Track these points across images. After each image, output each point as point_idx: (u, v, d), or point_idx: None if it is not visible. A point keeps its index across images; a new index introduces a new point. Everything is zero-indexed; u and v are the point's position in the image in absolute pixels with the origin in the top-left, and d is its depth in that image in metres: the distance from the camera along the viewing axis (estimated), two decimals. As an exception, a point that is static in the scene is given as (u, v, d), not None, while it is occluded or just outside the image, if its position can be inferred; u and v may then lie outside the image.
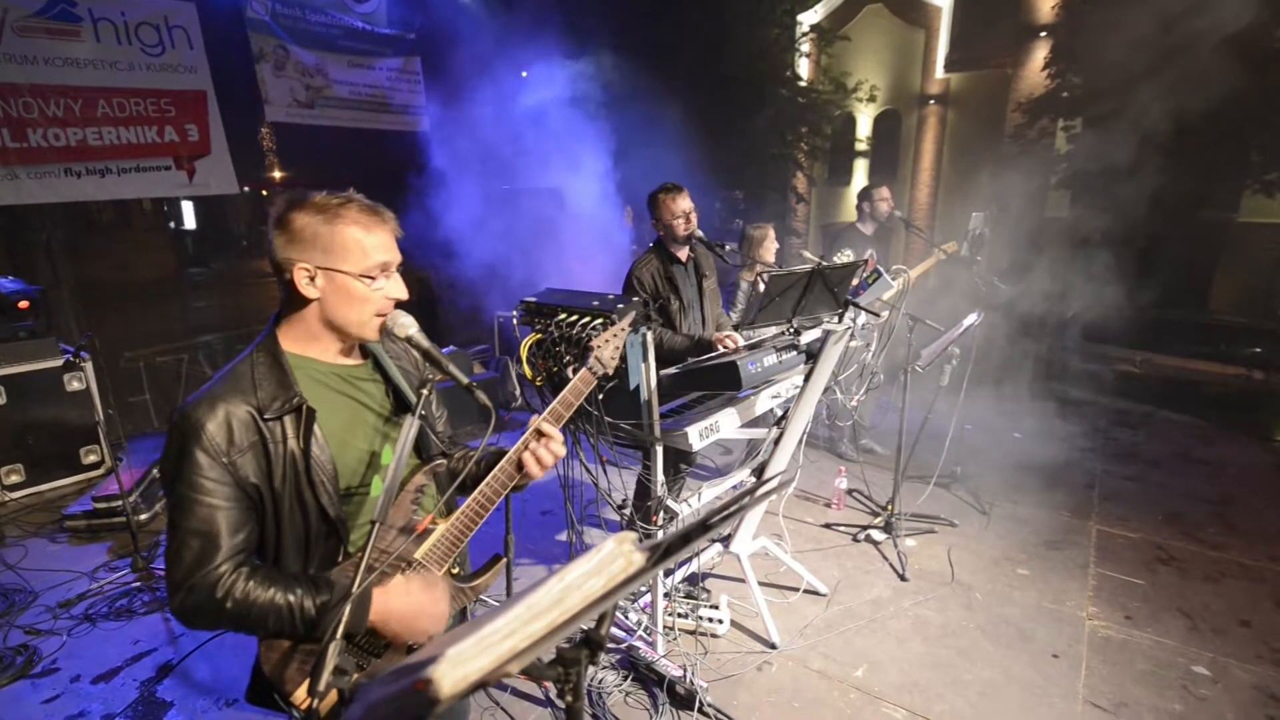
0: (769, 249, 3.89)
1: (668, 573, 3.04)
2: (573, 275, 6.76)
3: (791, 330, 2.51)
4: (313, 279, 1.25)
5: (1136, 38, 7.25)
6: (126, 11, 6.01)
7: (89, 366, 4.24)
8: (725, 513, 0.80)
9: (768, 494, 0.94)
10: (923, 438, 3.88)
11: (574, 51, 7.58)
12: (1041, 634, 2.99)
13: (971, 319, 3.49)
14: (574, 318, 2.31)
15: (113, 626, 2.98)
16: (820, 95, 12.16)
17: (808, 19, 13.52)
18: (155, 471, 3.97)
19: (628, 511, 2.52)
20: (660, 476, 2.54)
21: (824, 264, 2.37)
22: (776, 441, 2.85)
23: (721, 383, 2.36)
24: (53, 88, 5.66)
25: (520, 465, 1.42)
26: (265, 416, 1.21)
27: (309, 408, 1.24)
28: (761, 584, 3.16)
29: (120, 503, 3.58)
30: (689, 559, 3.21)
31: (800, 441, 3.00)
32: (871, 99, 13.32)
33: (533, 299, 2.45)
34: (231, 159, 6.72)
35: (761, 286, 3.18)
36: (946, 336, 3.50)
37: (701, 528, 0.76)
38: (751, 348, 2.72)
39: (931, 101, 13.14)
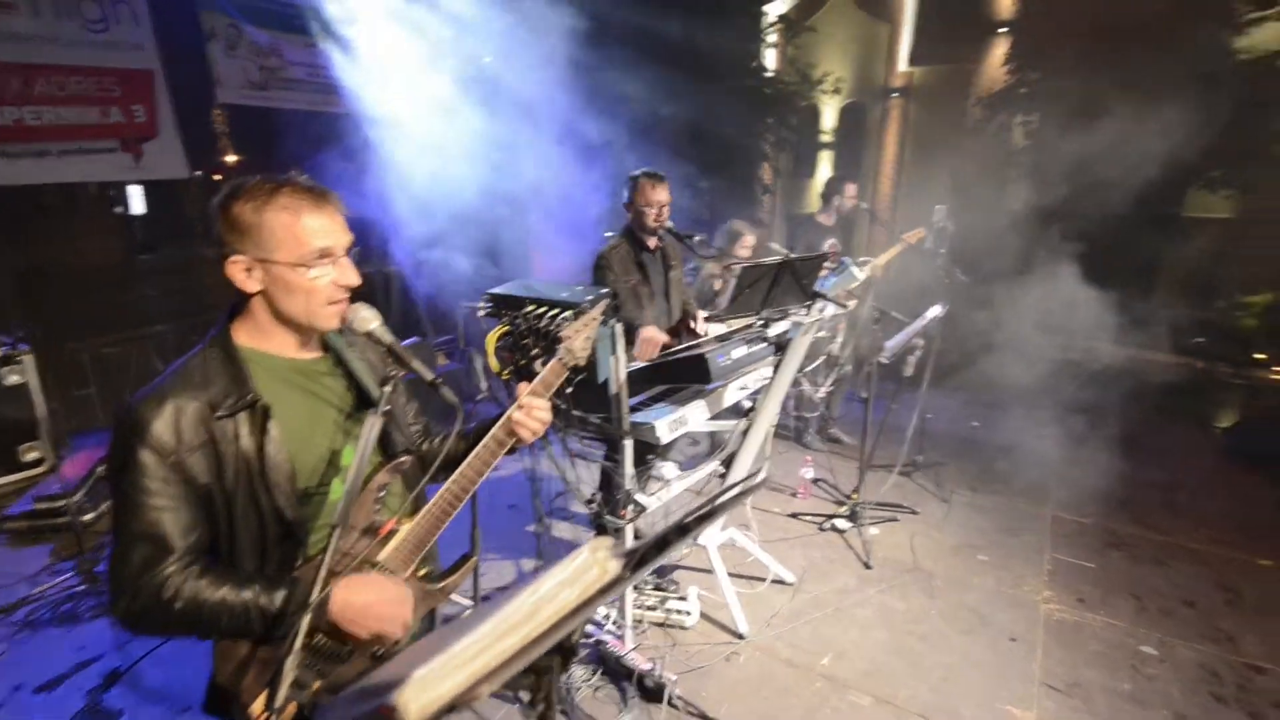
0: (744, 250, 3.86)
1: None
2: (541, 265, 6.68)
3: (760, 322, 2.52)
4: (249, 271, 1.19)
5: (1091, 35, 7.43)
6: (66, -16, 5.71)
7: (29, 359, 4.05)
8: (703, 514, 0.78)
9: (748, 492, 0.93)
10: (887, 427, 3.94)
11: (538, 37, 7.44)
12: (999, 618, 3.07)
13: (935, 311, 3.54)
14: (542, 309, 2.27)
15: (57, 633, 2.86)
16: (787, 86, 12.21)
17: (775, 9, 13.52)
18: (101, 470, 3.82)
19: (595, 506, 2.50)
20: (630, 469, 2.52)
21: (793, 256, 2.37)
22: (745, 433, 2.86)
23: (691, 376, 2.36)
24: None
25: (511, 434, 1.41)
26: (217, 414, 1.16)
27: (264, 405, 1.19)
28: (730, 574, 3.17)
29: (63, 502, 3.44)
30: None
31: (769, 432, 3.02)
32: (836, 91, 13.40)
33: (499, 290, 2.40)
34: (182, 142, 6.46)
35: (718, 285, 3.17)
36: (911, 328, 3.55)
37: (679, 531, 0.74)
38: (720, 339, 2.72)
39: (895, 94, 13.27)
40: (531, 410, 1.43)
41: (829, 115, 13.72)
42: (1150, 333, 7.28)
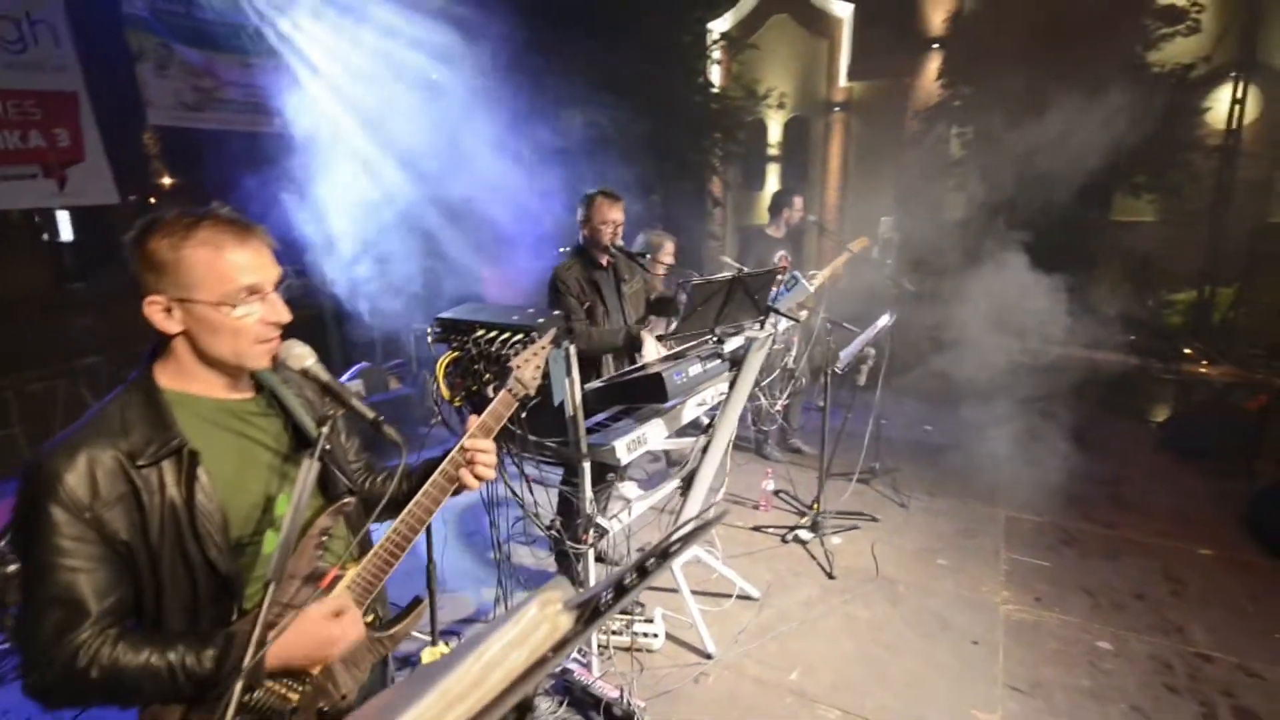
0: (667, 258, 3.86)
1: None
2: (492, 281, 6.59)
3: (714, 339, 2.51)
4: (169, 311, 1.11)
5: (1014, 51, 7.74)
6: (-21, 4, 5.43)
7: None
8: (663, 553, 0.75)
9: (709, 525, 0.90)
10: (845, 436, 3.97)
11: (478, 50, 7.37)
12: (961, 621, 3.10)
13: (884, 320, 3.60)
14: (492, 334, 2.22)
15: (-23, 694, 2.65)
16: (732, 101, 12.41)
17: (718, 26, 13.76)
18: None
19: (555, 532, 2.44)
20: (589, 493, 2.47)
21: (744, 271, 2.37)
22: (705, 449, 2.84)
23: (647, 394, 2.33)
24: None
25: (453, 480, 1.35)
26: (138, 463, 1.07)
27: (190, 450, 1.11)
28: (695, 593, 3.13)
29: (-15, 552, 3.19)
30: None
31: (728, 447, 3.01)
32: (781, 105, 13.70)
33: (448, 315, 2.33)
34: (111, 166, 6.19)
35: (650, 295, 3.17)
36: (862, 338, 3.60)
37: (639, 573, 0.71)
38: (674, 356, 2.70)
39: (837, 109, 13.61)
40: (475, 457, 1.36)
41: (775, 129, 14.01)
42: (1088, 331, 7.56)
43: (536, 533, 3.49)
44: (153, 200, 7.46)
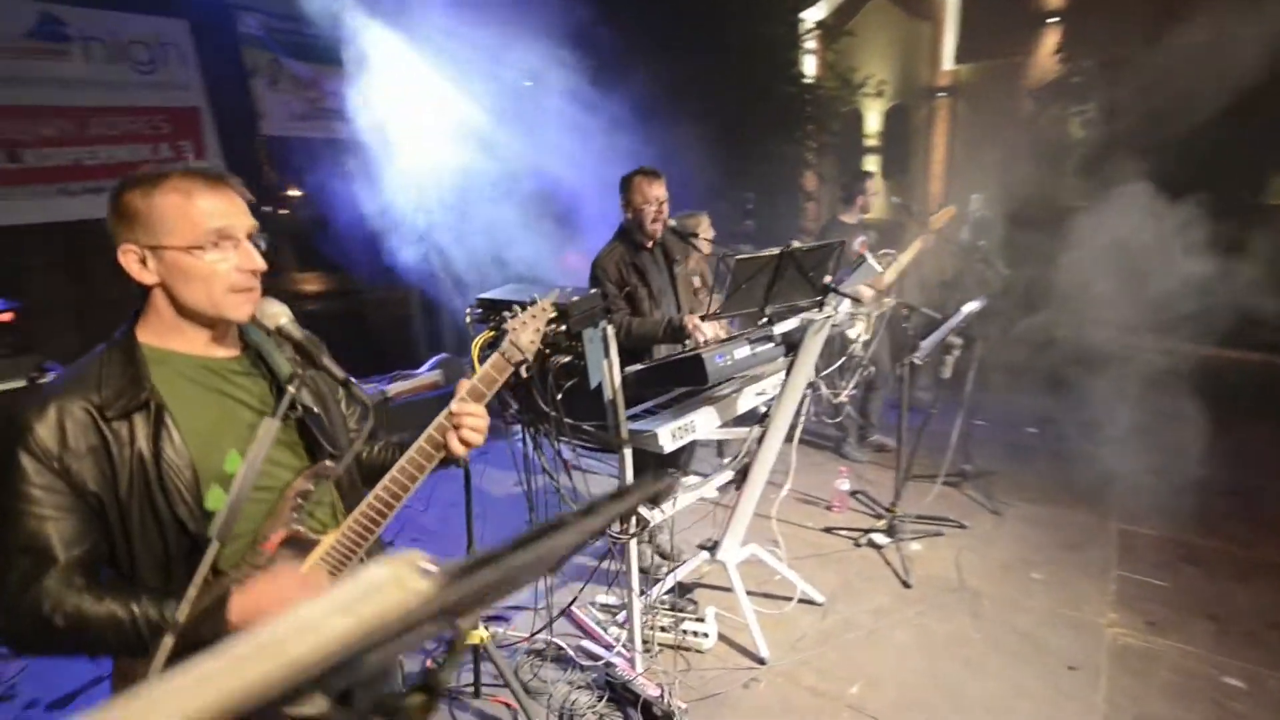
0: (707, 234, 3.66)
1: (651, 583, 2.86)
2: (571, 273, 6.62)
3: (764, 319, 2.34)
4: (143, 261, 1.12)
5: (1146, 19, 6.97)
6: (116, 29, 6.00)
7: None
8: (555, 526, 0.63)
9: (654, 499, 0.77)
10: (932, 435, 3.66)
11: (568, 55, 7.46)
12: (1056, 643, 2.76)
13: (972, 306, 3.28)
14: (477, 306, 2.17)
15: None
16: (827, 91, 11.98)
17: (812, 15, 13.34)
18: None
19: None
20: (629, 480, 2.37)
21: (794, 246, 2.19)
22: (760, 440, 2.67)
23: (686, 377, 2.19)
24: (44, 108, 5.65)
25: (439, 446, 1.29)
26: (108, 415, 1.07)
27: (158, 404, 1.10)
28: (752, 594, 2.97)
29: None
30: (672, 568, 3.04)
31: (794, 440, 2.82)
32: (879, 94, 13.08)
33: (488, 295, 2.30)
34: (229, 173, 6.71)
35: (697, 281, 3.02)
36: (946, 325, 3.30)
37: (517, 545, 0.59)
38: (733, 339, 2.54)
39: (941, 94, 12.85)
40: (462, 421, 1.29)
41: (873, 119, 13.40)
42: (1227, 327, 6.69)
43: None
44: (266, 208, 8.05)
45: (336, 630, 0.51)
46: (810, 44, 12.92)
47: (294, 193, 7.34)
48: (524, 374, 2.15)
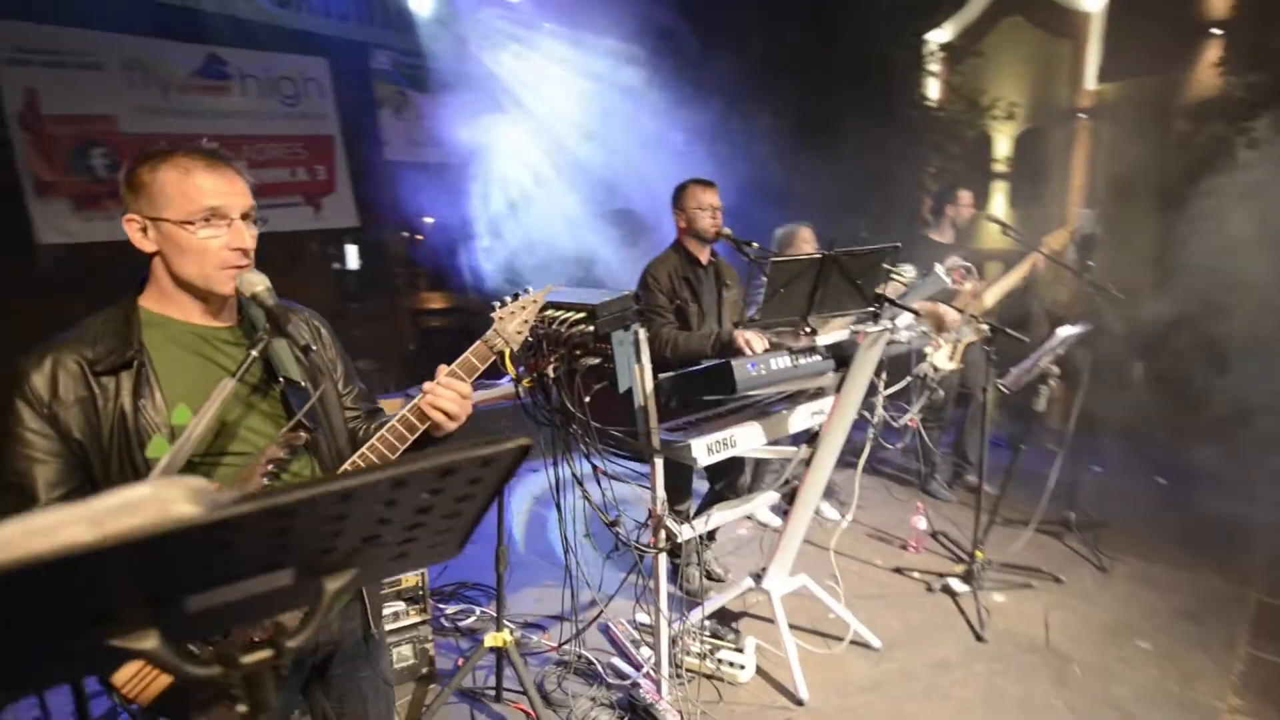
0: (807, 246, 3.47)
1: (689, 606, 2.74)
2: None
3: (806, 329, 2.19)
4: (145, 231, 1.21)
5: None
6: (270, 67, 6.75)
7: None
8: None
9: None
10: (1032, 476, 3.31)
11: (682, 70, 7.57)
12: (1158, 724, 2.36)
13: (1071, 331, 2.93)
14: (551, 313, 2.16)
15: None
16: (951, 114, 11.44)
17: (937, 37, 12.83)
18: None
19: (623, 531, 2.27)
20: (660, 493, 2.28)
21: (837, 250, 2.05)
22: (808, 462, 2.51)
23: (715, 386, 2.09)
24: (207, 136, 6.41)
25: (421, 418, 1.31)
26: (97, 370, 1.16)
27: (143, 363, 1.17)
28: (801, 630, 2.78)
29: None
30: (719, 594, 2.89)
31: (858, 468, 2.64)
32: (1010, 116, 12.31)
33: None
34: (354, 195, 7.34)
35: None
36: (1040, 351, 2.97)
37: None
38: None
39: (1081, 115, 11.90)
40: (438, 391, 1.30)
41: (1002, 143, 12.60)
42: None
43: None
44: (405, 233, 8.67)
45: (71, 538, 0.49)
46: (934, 66, 12.41)
47: (419, 216, 7.84)
48: (551, 374, 2.17)
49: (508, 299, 1.48)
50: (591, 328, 2.06)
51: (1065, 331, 2.90)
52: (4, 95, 5.43)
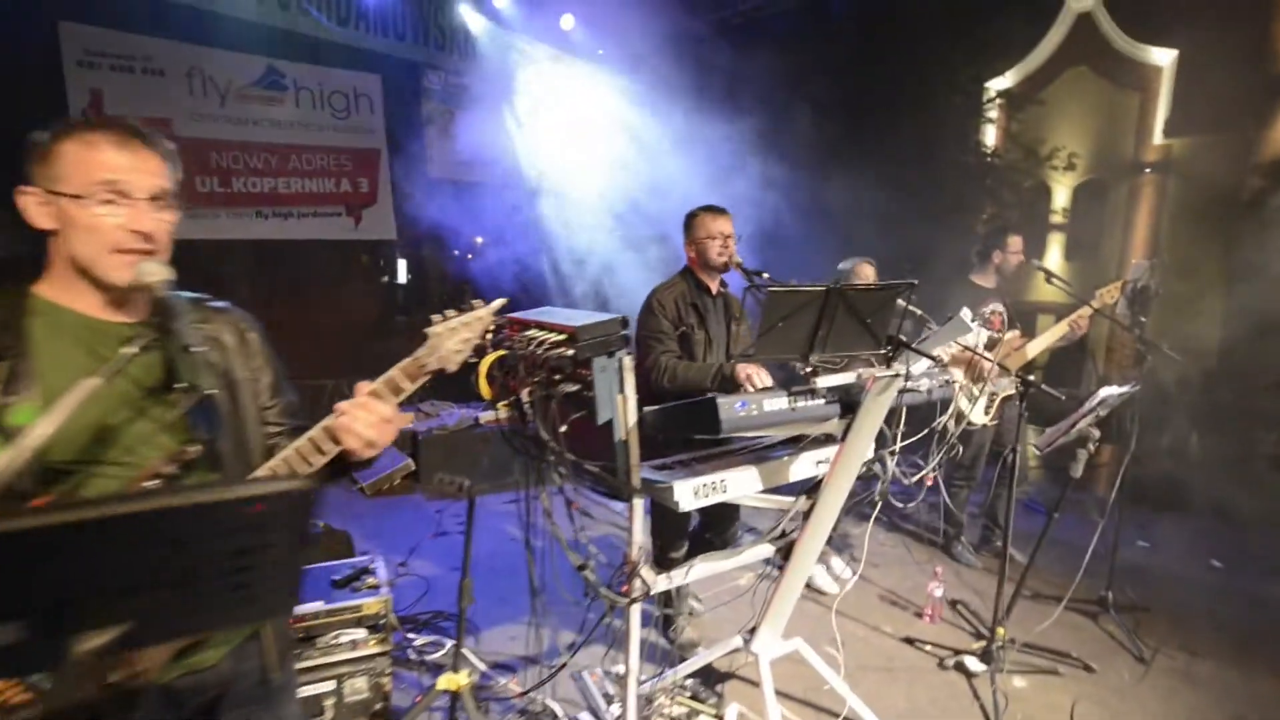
0: (861, 281, 3.28)
1: (677, 661, 2.53)
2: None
3: (806, 369, 2.00)
4: (43, 205, 1.10)
5: None
6: (324, 81, 6.93)
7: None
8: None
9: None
10: (1071, 548, 3.02)
11: (736, 127, 7.52)
12: None
13: (1113, 391, 2.66)
14: (533, 333, 2.02)
15: None
16: (1007, 163, 11.13)
17: (998, 84, 12.56)
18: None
19: (593, 576, 2.08)
20: (638, 538, 2.10)
21: (841, 284, 1.86)
22: (807, 515, 2.29)
23: (698, 424, 1.91)
24: (257, 144, 6.59)
25: (329, 441, 1.18)
26: None
27: (17, 356, 1.06)
28: (791, 699, 2.54)
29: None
30: (705, 651, 2.67)
31: (868, 522, 2.42)
32: (1070, 167, 11.93)
33: (518, 315, 2.20)
34: (394, 209, 7.43)
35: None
36: (1078, 412, 2.70)
37: None
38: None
39: (1147, 170, 11.45)
40: (353, 414, 1.15)
41: (1061, 194, 12.19)
42: None
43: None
44: (473, 250, 8.75)
45: None
46: (993, 113, 12.14)
47: (441, 226, 7.90)
48: (526, 399, 2.02)
49: (450, 312, 1.32)
50: (571, 351, 1.92)
51: (1107, 391, 2.63)
52: (70, 94, 5.67)
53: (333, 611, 2.36)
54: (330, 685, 2.35)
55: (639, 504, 2.09)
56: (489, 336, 1.40)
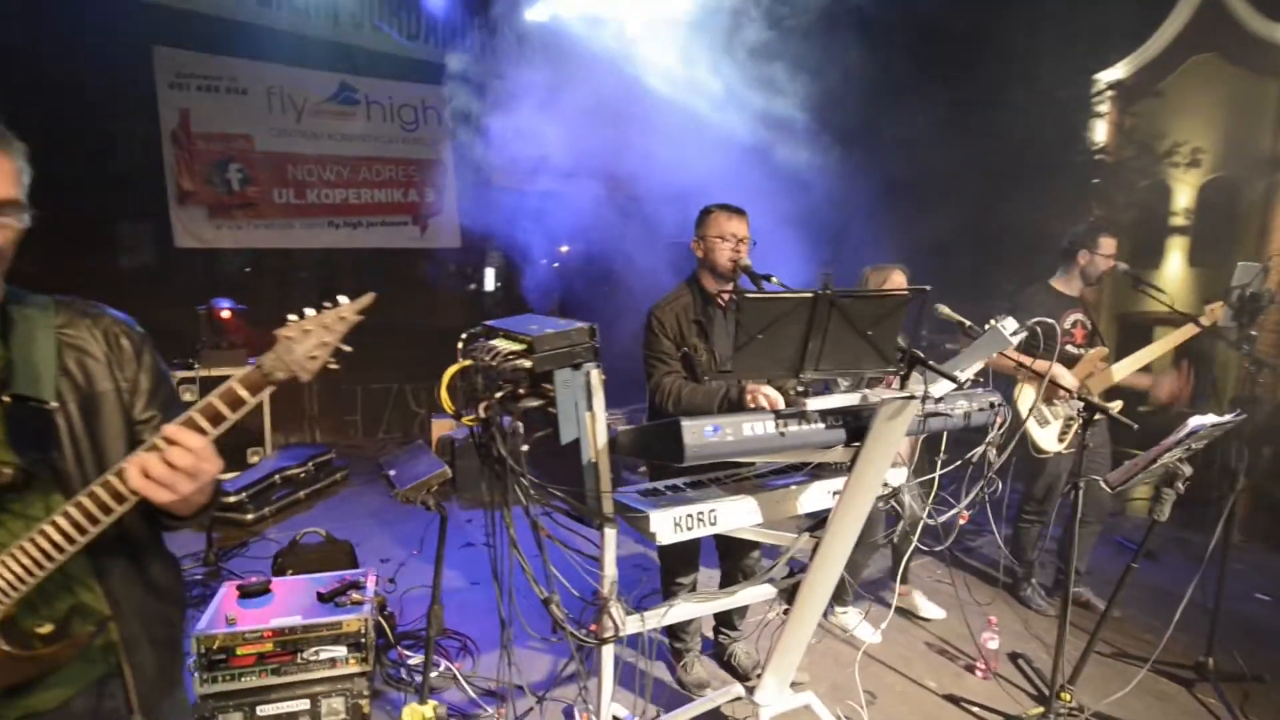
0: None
1: (670, 701, 2.29)
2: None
3: (799, 389, 1.72)
4: None
5: None
6: (393, 95, 7.13)
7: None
8: None
9: None
10: (1167, 597, 2.57)
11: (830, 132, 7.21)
12: None
13: (1205, 421, 2.20)
14: (497, 342, 1.86)
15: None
16: (1119, 160, 10.19)
17: (1108, 75, 11.54)
18: (277, 479, 4.26)
19: (559, 611, 1.88)
20: (610, 571, 1.89)
21: (833, 289, 1.58)
22: (814, 552, 2.01)
23: (664, 448, 1.68)
24: (330, 157, 6.85)
25: (104, 501, 1.01)
26: None
27: None
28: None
29: (233, 499, 3.87)
30: (703, 697, 2.41)
31: (901, 564, 2.10)
32: (1193, 164, 10.78)
33: (491, 322, 2.06)
34: (459, 218, 7.55)
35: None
36: (1161, 444, 2.27)
37: None
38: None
39: (1290, 166, 10.14)
40: (145, 458, 1.01)
41: (1183, 194, 11.01)
42: None
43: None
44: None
45: None
46: (1103, 107, 11.15)
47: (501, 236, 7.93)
48: (483, 414, 1.86)
49: (308, 311, 1.13)
50: (528, 363, 1.74)
51: (1199, 421, 2.18)
52: (162, 113, 6.06)
53: (310, 627, 2.28)
54: (305, 704, 2.27)
55: (611, 533, 1.88)
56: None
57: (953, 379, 1.67)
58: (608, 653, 1.92)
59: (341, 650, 2.32)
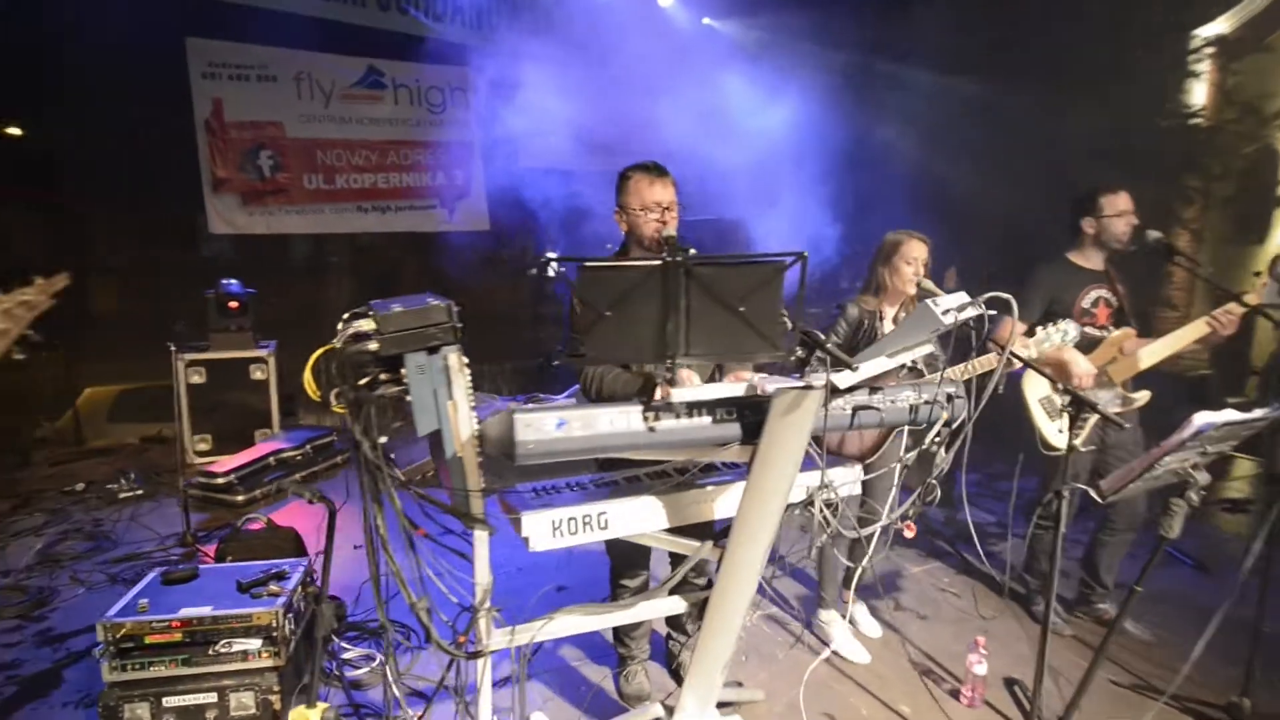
0: (904, 275, 2.49)
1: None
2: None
3: (666, 375, 1.47)
4: None
5: None
6: (420, 78, 7.10)
7: (271, 360, 4.83)
8: None
9: None
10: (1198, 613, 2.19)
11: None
12: None
13: (1215, 420, 1.80)
14: (360, 323, 1.68)
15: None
16: (1218, 125, 9.16)
17: (1208, 30, 10.36)
18: (271, 460, 4.28)
19: (425, 616, 1.71)
20: (484, 575, 1.70)
21: (691, 253, 1.32)
22: (719, 565, 1.77)
23: (497, 444, 1.47)
24: (358, 141, 6.88)
25: None
26: None
27: None
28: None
29: (221, 481, 3.91)
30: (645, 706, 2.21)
31: (853, 578, 1.84)
32: (1308, 127, 9.62)
33: (376, 301, 1.89)
34: (486, 199, 7.48)
35: (886, 322, 2.10)
36: (1160, 448, 1.88)
37: None
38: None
39: None
40: None
41: (1294, 160, 9.79)
42: None
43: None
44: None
45: None
46: (1202, 65, 10.02)
47: (529, 217, 7.79)
48: (334, 402, 1.70)
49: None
50: (374, 345, 1.57)
51: (1205, 420, 1.77)
52: (195, 102, 6.22)
53: (219, 618, 2.21)
54: (213, 697, 2.20)
55: (483, 536, 1.69)
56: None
57: (848, 364, 1.38)
58: (486, 666, 1.75)
59: (255, 643, 2.24)
